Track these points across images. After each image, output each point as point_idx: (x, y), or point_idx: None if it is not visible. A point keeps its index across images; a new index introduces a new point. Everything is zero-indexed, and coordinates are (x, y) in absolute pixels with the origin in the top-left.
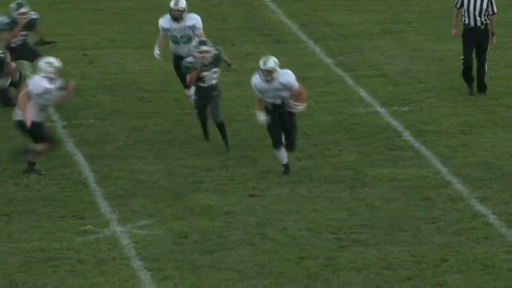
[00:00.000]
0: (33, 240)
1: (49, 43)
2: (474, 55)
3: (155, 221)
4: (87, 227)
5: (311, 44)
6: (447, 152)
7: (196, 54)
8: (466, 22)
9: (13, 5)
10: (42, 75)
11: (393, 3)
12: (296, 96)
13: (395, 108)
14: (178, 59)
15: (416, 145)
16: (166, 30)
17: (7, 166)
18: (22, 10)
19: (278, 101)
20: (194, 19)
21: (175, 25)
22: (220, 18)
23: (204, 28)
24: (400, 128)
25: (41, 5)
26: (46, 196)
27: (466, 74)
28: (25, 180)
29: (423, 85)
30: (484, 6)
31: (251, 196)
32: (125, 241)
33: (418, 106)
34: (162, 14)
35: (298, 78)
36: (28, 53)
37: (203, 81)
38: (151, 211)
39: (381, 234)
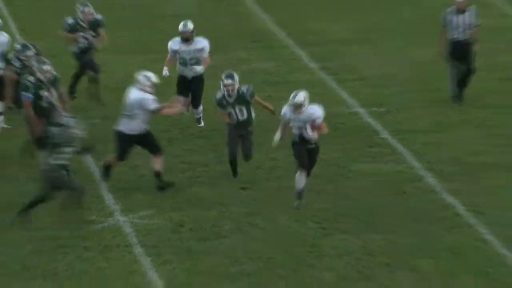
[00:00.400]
0: (44, 228)
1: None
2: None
3: (155, 212)
4: (93, 217)
5: (297, 50)
6: (421, 149)
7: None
8: (454, 36)
9: (77, 6)
10: (139, 87)
11: (371, 13)
12: (318, 129)
13: (374, 109)
14: (183, 80)
15: (393, 142)
16: (175, 52)
17: (19, 161)
18: (86, 9)
19: (300, 131)
20: (203, 43)
21: (184, 47)
22: (214, 27)
23: (198, 35)
24: (379, 127)
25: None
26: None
27: (459, 82)
28: (36, 174)
29: (399, 88)
30: (467, 20)
31: (243, 189)
32: (127, 229)
33: (394, 107)
34: (161, 21)
35: (286, 82)
36: (90, 60)
37: (229, 118)
38: (151, 202)
39: (361, 223)
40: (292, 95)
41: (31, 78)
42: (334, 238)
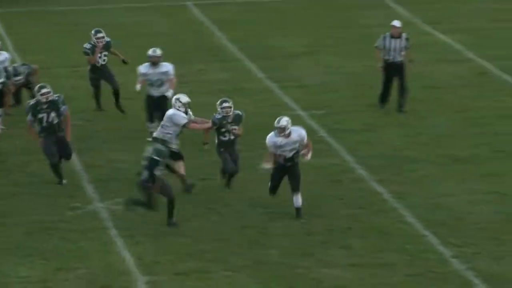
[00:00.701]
0: (34, 214)
1: (125, 62)
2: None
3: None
4: (76, 204)
5: (248, 62)
6: (353, 146)
7: (219, 112)
8: (387, 58)
9: (92, 32)
10: (174, 108)
11: (313, 31)
12: (306, 147)
13: (313, 111)
14: (150, 100)
15: (329, 140)
16: (144, 75)
17: (10, 158)
18: (99, 35)
19: (291, 154)
20: (167, 67)
21: (151, 70)
22: (179, 43)
23: (167, 50)
24: (317, 127)
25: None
26: (45, 181)
27: (383, 98)
28: (28, 169)
29: (335, 94)
30: (402, 44)
31: (203, 179)
32: (104, 214)
33: (331, 110)
34: (137, 38)
35: (239, 89)
36: (107, 74)
37: (224, 136)
38: (125, 191)
39: (303, 208)
40: (276, 121)
41: (32, 101)
42: (280, 221)
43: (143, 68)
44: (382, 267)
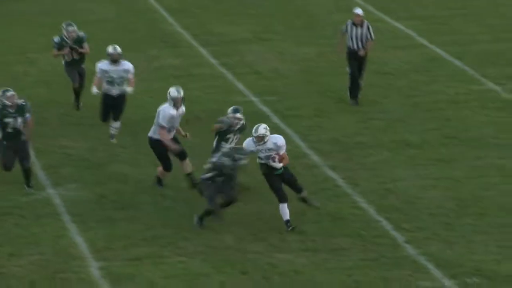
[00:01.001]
0: None
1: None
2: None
3: (80, 185)
4: (28, 190)
5: (200, 49)
6: (305, 131)
7: (230, 117)
8: (350, 45)
9: (63, 25)
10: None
11: (264, 18)
12: (281, 158)
13: (265, 97)
14: (107, 98)
15: (281, 125)
16: (104, 71)
17: None
18: (70, 28)
19: (267, 160)
20: (128, 65)
21: (113, 68)
22: (131, 30)
23: (118, 38)
24: (269, 113)
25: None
26: None
27: (353, 88)
28: None
29: (287, 80)
30: (364, 32)
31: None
32: (57, 201)
33: (283, 96)
34: (87, 26)
35: (191, 75)
36: (79, 69)
37: (227, 142)
38: (77, 177)
39: (255, 194)
40: (254, 129)
41: None
42: (232, 206)
43: (103, 65)
44: (335, 252)
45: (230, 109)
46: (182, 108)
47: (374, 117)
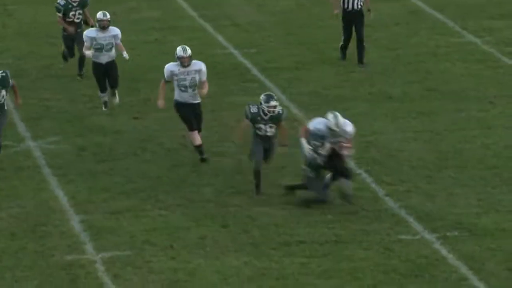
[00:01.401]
0: None
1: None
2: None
3: (61, 138)
4: (7, 142)
5: (180, 0)
6: (285, 84)
7: (264, 107)
8: (345, 6)
9: None
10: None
11: None
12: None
13: (245, 50)
14: (97, 67)
15: (261, 78)
16: (92, 39)
17: None
18: None
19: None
20: (116, 30)
21: (101, 34)
22: None
23: None
24: (249, 65)
25: None
26: None
27: (344, 47)
28: None
29: (266, 32)
30: None
31: (135, 118)
32: (37, 153)
33: (262, 48)
34: None
35: (171, 28)
36: (79, 35)
37: (260, 130)
38: (57, 130)
39: (234, 147)
40: (263, 98)
41: None
42: (212, 160)
43: (91, 32)
44: (316, 206)
45: (262, 97)
46: (194, 67)
47: (355, 70)
